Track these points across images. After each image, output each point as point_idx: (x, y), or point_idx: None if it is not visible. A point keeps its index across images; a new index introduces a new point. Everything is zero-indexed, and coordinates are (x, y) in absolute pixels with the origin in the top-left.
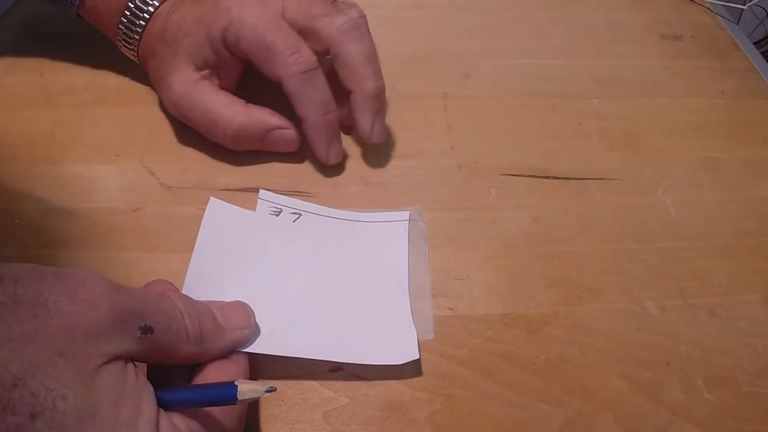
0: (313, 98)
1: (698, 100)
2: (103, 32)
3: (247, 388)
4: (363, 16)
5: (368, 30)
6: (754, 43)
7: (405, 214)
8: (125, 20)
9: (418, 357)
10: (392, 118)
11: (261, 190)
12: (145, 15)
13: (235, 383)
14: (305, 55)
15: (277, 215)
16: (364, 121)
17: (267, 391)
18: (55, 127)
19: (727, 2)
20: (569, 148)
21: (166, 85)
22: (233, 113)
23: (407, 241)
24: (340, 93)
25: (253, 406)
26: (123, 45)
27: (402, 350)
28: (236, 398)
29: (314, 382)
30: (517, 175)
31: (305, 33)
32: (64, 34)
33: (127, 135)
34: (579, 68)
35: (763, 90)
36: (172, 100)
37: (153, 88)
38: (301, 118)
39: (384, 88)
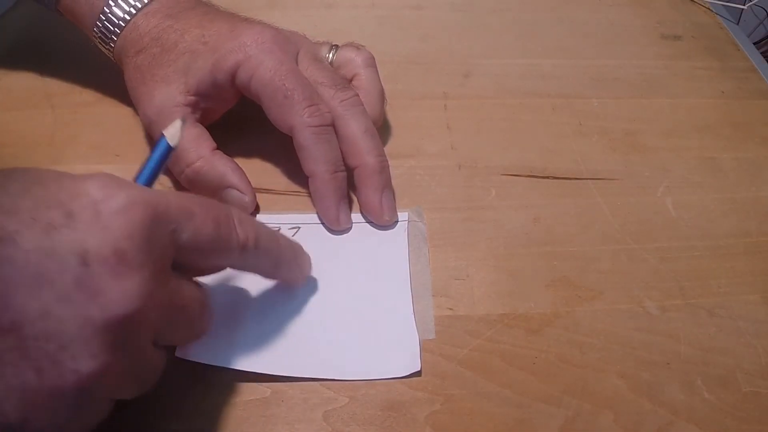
0: (324, 154)
1: (698, 100)
2: (79, 27)
3: (170, 131)
4: (371, 57)
5: (376, 76)
6: (754, 43)
7: (404, 215)
8: (103, 17)
9: (419, 369)
10: (392, 118)
11: (258, 213)
12: (126, 17)
13: (162, 133)
14: (322, 111)
15: None
16: (372, 198)
17: (182, 121)
18: (55, 127)
19: (727, 2)
20: (569, 148)
21: (148, 93)
22: (197, 155)
23: (407, 241)
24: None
25: (254, 406)
26: (99, 42)
27: (404, 362)
28: (168, 143)
29: (314, 382)
30: (517, 175)
31: None
32: (64, 34)
33: (127, 135)
34: (579, 68)
35: (763, 90)
36: (148, 111)
37: (127, 85)
38: (310, 174)
39: (387, 164)
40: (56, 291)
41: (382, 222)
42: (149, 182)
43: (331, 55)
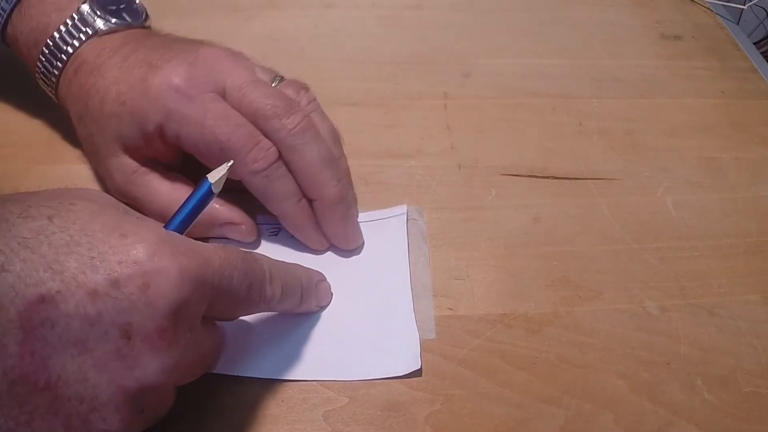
0: (282, 192)
1: (698, 100)
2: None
3: (215, 175)
4: (314, 101)
5: (323, 116)
6: (754, 43)
7: (402, 208)
8: (43, 58)
9: (419, 367)
10: (392, 118)
11: (258, 216)
12: (63, 56)
13: (206, 177)
14: (264, 149)
15: (276, 234)
16: (336, 230)
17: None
18: (55, 127)
19: (727, 2)
20: (569, 148)
21: (106, 171)
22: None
23: (406, 237)
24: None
25: (253, 406)
26: (42, 80)
27: (404, 361)
28: (211, 186)
29: (314, 382)
30: (517, 175)
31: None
32: None
33: None
34: (579, 68)
35: (763, 90)
36: (115, 188)
37: (87, 157)
38: (276, 213)
39: (346, 188)
40: (94, 358)
41: (349, 248)
42: (185, 225)
43: (273, 86)
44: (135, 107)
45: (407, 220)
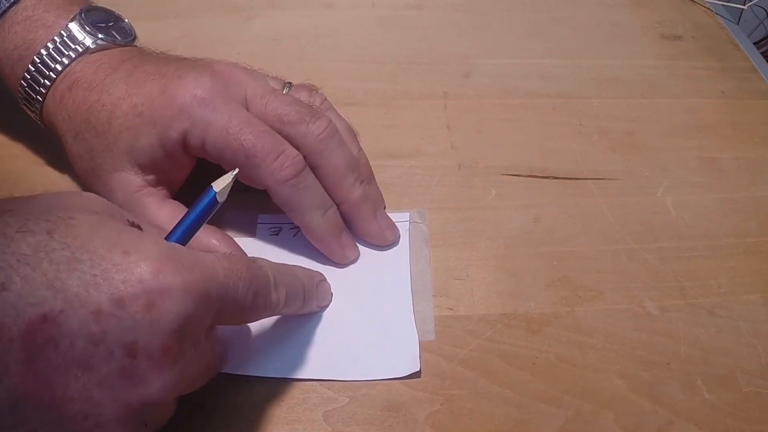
0: (309, 202)
1: (698, 100)
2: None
3: (220, 183)
4: (326, 100)
5: (338, 115)
6: (754, 43)
7: (405, 215)
8: (28, 76)
9: (418, 369)
10: (392, 118)
11: (259, 215)
12: (51, 74)
13: (211, 186)
14: (291, 157)
15: (278, 234)
16: (370, 228)
17: (234, 174)
18: None
19: (727, 2)
20: (569, 148)
21: (105, 186)
22: None
23: (408, 243)
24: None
25: (253, 406)
26: (23, 99)
27: (404, 362)
28: (216, 195)
29: (314, 382)
30: (517, 175)
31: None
32: None
33: None
34: (579, 68)
35: (763, 90)
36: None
37: (77, 173)
38: (301, 225)
39: (369, 187)
40: (99, 377)
41: (386, 243)
42: (188, 237)
43: (285, 92)
44: (155, 117)
45: (409, 224)
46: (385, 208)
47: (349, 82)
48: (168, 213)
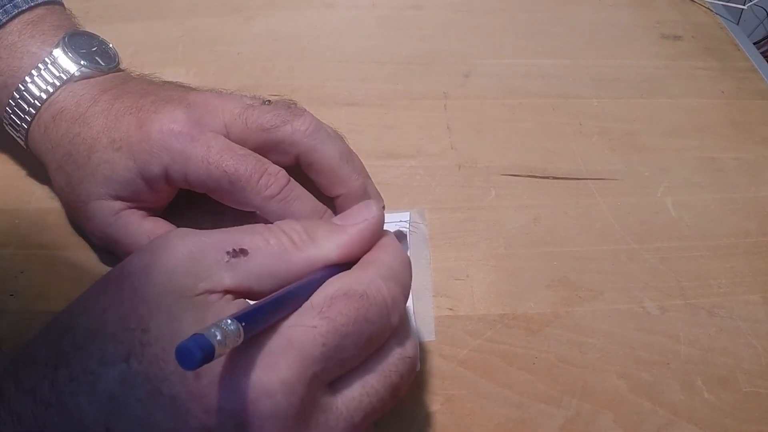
0: (301, 212)
1: (698, 100)
2: None
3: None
4: (307, 112)
5: (322, 123)
6: (754, 43)
7: (405, 215)
8: (13, 103)
9: (418, 369)
10: (392, 118)
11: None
12: (36, 102)
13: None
14: (275, 174)
15: None
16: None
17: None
18: None
19: (727, 2)
20: (569, 148)
21: (84, 215)
22: None
23: (408, 243)
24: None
25: None
26: (9, 125)
27: None
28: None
29: None
30: (517, 175)
31: (263, 149)
32: None
33: None
34: (579, 68)
35: (763, 90)
36: (94, 231)
37: (62, 204)
38: None
39: (366, 179)
40: None
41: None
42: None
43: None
44: (134, 152)
45: (409, 224)
46: (384, 207)
47: (349, 82)
48: (150, 227)
